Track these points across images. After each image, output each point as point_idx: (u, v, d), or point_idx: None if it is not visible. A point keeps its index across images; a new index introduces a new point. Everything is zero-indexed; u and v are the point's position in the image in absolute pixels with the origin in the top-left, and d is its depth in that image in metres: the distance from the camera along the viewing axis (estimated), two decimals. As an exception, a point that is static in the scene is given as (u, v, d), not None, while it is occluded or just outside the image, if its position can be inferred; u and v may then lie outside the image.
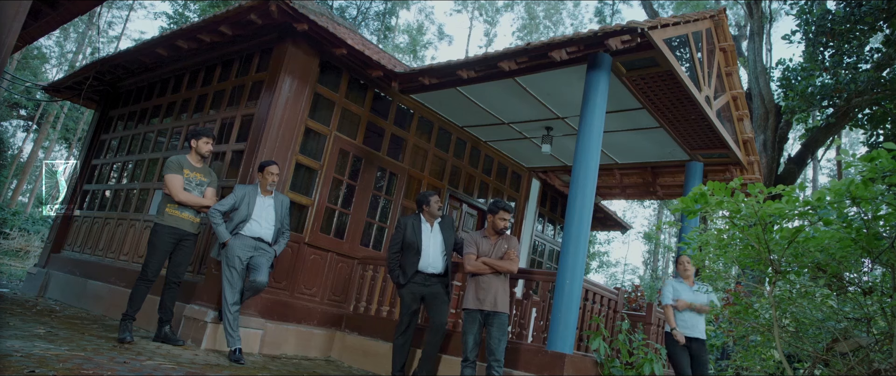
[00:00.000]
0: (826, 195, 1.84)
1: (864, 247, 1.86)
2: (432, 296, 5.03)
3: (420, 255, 5.02)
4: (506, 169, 9.37)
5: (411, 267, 5.01)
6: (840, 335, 2.27)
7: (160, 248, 4.89)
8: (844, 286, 2.16)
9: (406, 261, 5.06)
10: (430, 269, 5.03)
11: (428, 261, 5.04)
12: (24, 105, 26.22)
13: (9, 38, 2.31)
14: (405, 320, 5.04)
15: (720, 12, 6.73)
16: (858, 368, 2.13)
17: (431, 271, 5.03)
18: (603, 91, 5.35)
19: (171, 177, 4.92)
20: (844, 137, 29.28)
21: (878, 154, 1.73)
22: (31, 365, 3.24)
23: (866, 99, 9.88)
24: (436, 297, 5.03)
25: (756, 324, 2.56)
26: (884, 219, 1.85)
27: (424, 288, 5.02)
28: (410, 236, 5.07)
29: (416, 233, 5.08)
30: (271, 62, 6.20)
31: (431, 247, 5.09)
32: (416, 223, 5.17)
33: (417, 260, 5.01)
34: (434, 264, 5.06)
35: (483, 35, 44.24)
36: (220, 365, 4.47)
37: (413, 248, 5.03)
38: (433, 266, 5.05)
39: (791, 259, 2.07)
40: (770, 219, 1.97)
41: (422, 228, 5.14)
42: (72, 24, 30.46)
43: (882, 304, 2.01)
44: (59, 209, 9.03)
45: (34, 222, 21.96)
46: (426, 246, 5.07)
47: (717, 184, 2.03)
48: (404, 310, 5.05)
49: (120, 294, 6.46)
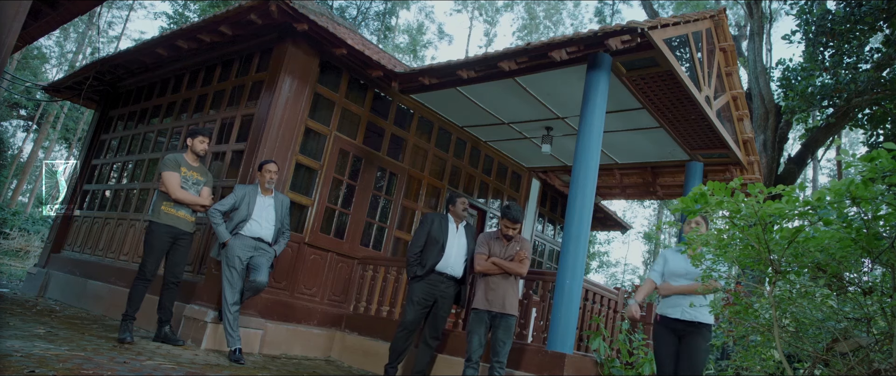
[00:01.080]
0: (826, 195, 1.84)
1: (864, 247, 1.86)
2: (441, 303, 4.94)
3: (443, 253, 4.93)
4: (506, 169, 9.37)
5: (432, 261, 4.91)
6: (840, 335, 2.27)
7: (156, 247, 4.88)
8: (844, 286, 2.16)
9: (427, 254, 4.95)
10: (449, 271, 4.95)
11: (449, 261, 4.96)
12: (24, 105, 26.22)
13: (9, 38, 2.31)
14: (413, 315, 4.87)
15: (720, 12, 6.73)
16: (858, 368, 2.13)
17: (450, 273, 4.96)
18: (603, 91, 5.35)
19: (169, 175, 4.91)
20: (844, 137, 29.28)
21: (878, 154, 1.73)
22: (31, 365, 3.24)
23: (866, 99, 9.87)
24: (444, 305, 4.95)
25: (756, 324, 2.56)
26: (884, 219, 1.84)
27: (439, 290, 4.93)
28: (436, 231, 4.99)
29: (442, 230, 5.01)
30: (271, 62, 6.20)
31: (455, 248, 5.02)
32: (443, 221, 5.10)
33: (440, 257, 4.92)
34: (455, 266, 4.98)
35: (483, 35, 44.25)
36: (220, 365, 4.47)
37: (438, 244, 4.95)
38: (453, 268, 4.98)
39: (791, 259, 2.07)
40: (770, 219, 1.97)
41: (448, 227, 5.07)
42: (72, 24, 30.46)
43: (882, 304, 2.01)
44: (59, 209, 9.04)
45: (34, 222, 21.95)
46: (450, 245, 4.99)
47: (717, 184, 2.03)
48: (414, 304, 4.88)
49: (120, 294, 6.46)
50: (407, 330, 4.93)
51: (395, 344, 4.98)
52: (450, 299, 4.99)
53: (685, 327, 3.84)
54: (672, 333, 3.91)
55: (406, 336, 4.95)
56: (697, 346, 3.81)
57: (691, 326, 3.82)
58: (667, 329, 3.93)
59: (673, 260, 4.08)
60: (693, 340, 3.82)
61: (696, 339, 3.81)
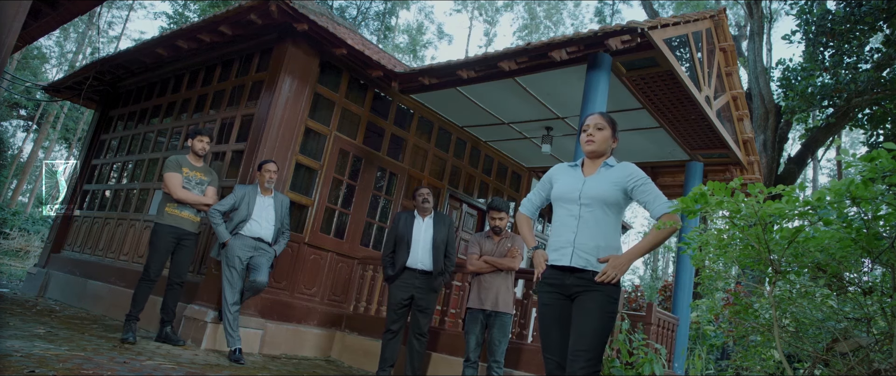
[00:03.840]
0: (826, 195, 1.84)
1: (864, 247, 1.86)
2: (418, 299, 4.88)
3: (409, 250, 4.92)
4: (506, 169, 9.37)
5: (401, 260, 4.92)
6: (840, 335, 2.27)
7: (161, 248, 4.89)
8: (844, 286, 2.16)
9: (397, 254, 4.98)
10: (419, 265, 4.91)
11: (416, 256, 4.92)
12: (24, 105, 26.23)
13: (9, 38, 2.31)
14: (393, 316, 4.89)
15: (720, 12, 6.73)
16: (858, 368, 2.13)
17: (420, 267, 4.91)
18: (603, 91, 5.35)
19: (170, 176, 4.93)
20: (844, 137, 29.29)
21: (878, 154, 1.73)
22: (31, 365, 3.24)
23: (866, 99, 9.88)
24: (421, 301, 4.88)
25: (756, 324, 2.56)
26: (884, 219, 1.84)
27: (413, 287, 4.89)
28: (402, 230, 4.99)
29: (407, 227, 5.00)
30: (271, 62, 6.20)
31: (421, 242, 4.97)
32: (408, 218, 5.10)
33: (407, 255, 4.92)
34: (423, 260, 4.93)
35: (483, 35, 44.26)
36: (219, 365, 4.47)
37: (403, 242, 4.95)
38: (422, 262, 4.92)
39: (791, 259, 2.07)
40: (770, 219, 1.97)
41: (414, 223, 5.05)
42: (72, 24, 30.47)
43: (882, 304, 2.01)
44: (59, 209, 9.04)
45: (34, 222, 21.95)
46: (416, 240, 4.95)
47: (717, 184, 2.03)
48: (392, 306, 4.91)
49: (120, 294, 6.46)
50: (390, 332, 4.90)
51: (382, 349, 4.94)
52: (427, 292, 4.89)
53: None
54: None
55: (390, 338, 4.90)
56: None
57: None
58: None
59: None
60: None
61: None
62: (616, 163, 2.76)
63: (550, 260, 2.70)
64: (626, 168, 2.70)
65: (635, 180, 2.65)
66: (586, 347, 2.46)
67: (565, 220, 2.70)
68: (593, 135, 2.74)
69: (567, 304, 2.63)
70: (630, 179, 2.65)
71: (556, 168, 2.95)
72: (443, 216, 5.25)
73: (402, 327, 4.94)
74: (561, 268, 2.64)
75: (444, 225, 5.10)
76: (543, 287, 2.71)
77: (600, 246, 2.59)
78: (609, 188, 2.64)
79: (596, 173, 2.73)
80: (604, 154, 2.78)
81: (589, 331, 2.48)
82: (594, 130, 2.76)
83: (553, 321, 2.65)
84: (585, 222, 2.62)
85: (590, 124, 2.79)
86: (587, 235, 2.60)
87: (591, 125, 2.78)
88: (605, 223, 2.63)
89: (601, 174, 2.71)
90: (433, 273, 4.92)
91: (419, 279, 4.90)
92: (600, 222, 2.62)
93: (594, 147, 2.74)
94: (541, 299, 2.72)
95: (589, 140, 2.75)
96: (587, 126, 2.79)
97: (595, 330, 2.48)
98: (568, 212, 2.71)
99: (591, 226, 2.61)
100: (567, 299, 2.64)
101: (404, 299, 4.89)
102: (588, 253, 2.58)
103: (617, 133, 2.85)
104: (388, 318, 4.93)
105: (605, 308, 2.51)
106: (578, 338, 2.50)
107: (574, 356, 2.48)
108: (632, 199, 2.70)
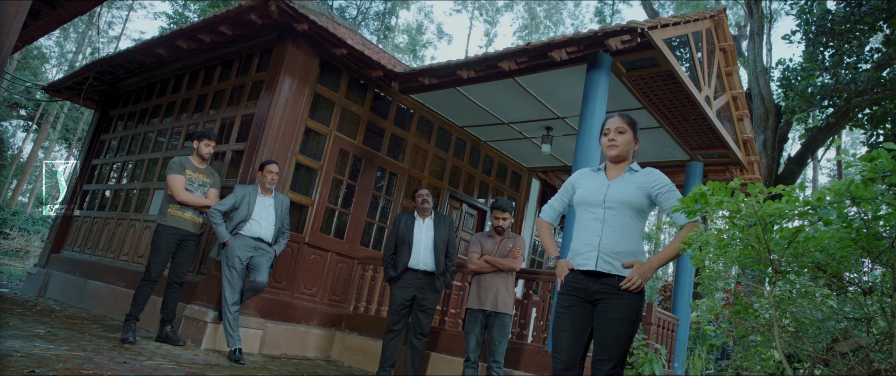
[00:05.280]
0: (826, 195, 1.83)
1: (864, 247, 1.85)
2: (420, 299, 4.91)
3: (411, 251, 4.95)
4: (506, 169, 9.37)
5: (402, 262, 4.95)
6: (840, 335, 2.27)
7: (163, 249, 4.89)
8: (844, 286, 2.16)
9: (398, 256, 5.01)
10: (421, 266, 4.94)
11: (419, 257, 4.95)
12: (24, 105, 26.22)
13: (9, 38, 2.31)
14: (395, 316, 4.91)
15: (720, 12, 6.73)
16: (858, 368, 2.13)
17: (422, 268, 4.94)
18: (603, 91, 5.35)
19: (173, 178, 4.94)
20: (844, 137, 29.30)
21: (878, 154, 1.73)
22: (31, 365, 3.24)
23: (866, 99, 9.87)
24: (423, 301, 4.91)
25: (756, 324, 2.56)
26: (884, 219, 1.84)
27: (415, 287, 4.92)
28: (403, 231, 5.02)
29: (408, 229, 5.03)
30: (271, 62, 6.20)
31: (422, 243, 5.00)
32: (408, 219, 5.12)
33: (409, 256, 4.94)
34: (425, 261, 4.95)
35: (483, 35, 44.27)
36: (219, 365, 4.47)
37: (405, 243, 4.98)
38: (424, 262, 4.95)
39: (791, 259, 2.07)
40: (770, 219, 1.96)
41: (414, 224, 5.08)
42: (72, 24, 30.47)
43: (882, 304, 2.01)
44: (59, 209, 9.04)
45: (34, 222, 21.94)
46: (417, 241, 4.99)
47: (717, 184, 2.02)
48: (394, 306, 4.93)
49: (120, 294, 6.46)
50: (392, 332, 4.92)
51: (383, 349, 4.96)
52: (428, 293, 4.92)
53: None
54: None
55: (391, 338, 4.92)
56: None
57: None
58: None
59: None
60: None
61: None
62: (640, 169, 2.74)
63: (574, 264, 2.67)
64: (652, 173, 2.68)
65: (660, 186, 2.62)
66: (609, 356, 2.47)
67: (589, 224, 2.65)
68: (615, 139, 2.69)
69: (587, 309, 2.60)
70: (655, 185, 2.63)
71: (579, 173, 2.90)
72: (443, 217, 5.27)
73: (404, 327, 4.97)
74: (585, 273, 2.61)
75: (444, 225, 5.14)
76: (565, 289, 2.68)
77: (625, 251, 2.56)
78: (634, 192, 2.61)
79: (620, 177, 2.69)
80: (627, 157, 2.73)
81: (612, 341, 2.48)
82: (615, 134, 2.70)
83: (569, 324, 2.62)
84: (610, 225, 2.59)
85: (611, 128, 2.72)
86: (612, 239, 2.57)
87: (611, 129, 2.71)
88: (629, 227, 2.60)
89: (626, 178, 2.68)
90: (435, 273, 4.96)
91: (422, 279, 4.94)
92: (625, 226, 2.59)
93: (617, 151, 2.69)
94: (560, 301, 2.69)
95: (611, 144, 2.69)
96: (608, 129, 2.73)
97: (618, 340, 2.48)
98: (592, 215, 2.65)
99: (616, 229, 2.58)
100: (588, 303, 2.60)
101: (407, 299, 4.92)
102: (612, 257, 2.55)
103: (638, 133, 2.80)
104: (390, 319, 4.95)
105: (630, 317, 2.50)
106: (602, 347, 2.50)
107: (597, 364, 2.50)
108: (655, 205, 2.66)
